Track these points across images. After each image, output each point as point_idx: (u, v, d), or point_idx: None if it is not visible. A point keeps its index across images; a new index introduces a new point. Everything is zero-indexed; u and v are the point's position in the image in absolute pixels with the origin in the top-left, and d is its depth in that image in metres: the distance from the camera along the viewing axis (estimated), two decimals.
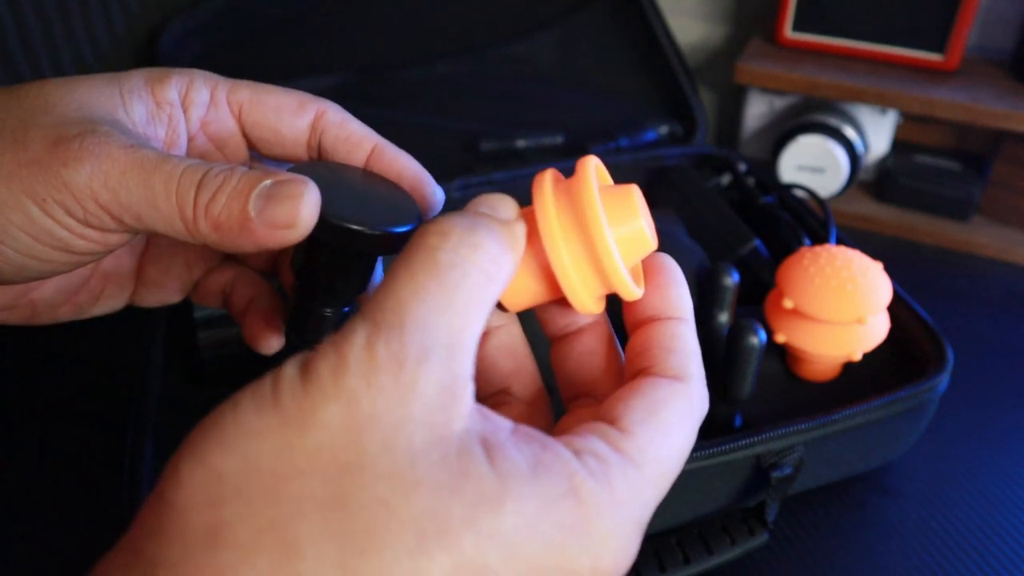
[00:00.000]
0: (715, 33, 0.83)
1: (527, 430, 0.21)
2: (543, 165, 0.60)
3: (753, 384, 0.43)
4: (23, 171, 0.25)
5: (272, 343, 0.33)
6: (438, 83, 0.73)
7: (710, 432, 0.41)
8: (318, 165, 0.30)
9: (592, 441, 0.21)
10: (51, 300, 0.32)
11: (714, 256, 0.54)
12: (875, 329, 0.46)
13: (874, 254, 0.47)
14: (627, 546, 0.20)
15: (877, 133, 0.72)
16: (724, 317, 0.44)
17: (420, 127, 0.69)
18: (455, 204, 0.58)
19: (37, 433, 0.50)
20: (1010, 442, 0.50)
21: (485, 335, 0.27)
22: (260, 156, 0.33)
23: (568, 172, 0.25)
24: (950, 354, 0.45)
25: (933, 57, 0.68)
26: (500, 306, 0.25)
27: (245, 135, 0.31)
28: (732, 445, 0.39)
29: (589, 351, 0.26)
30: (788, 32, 0.72)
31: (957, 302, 0.62)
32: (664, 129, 0.70)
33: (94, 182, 0.25)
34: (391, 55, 0.74)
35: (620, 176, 0.63)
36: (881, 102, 0.67)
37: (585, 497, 0.19)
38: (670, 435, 0.22)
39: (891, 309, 0.48)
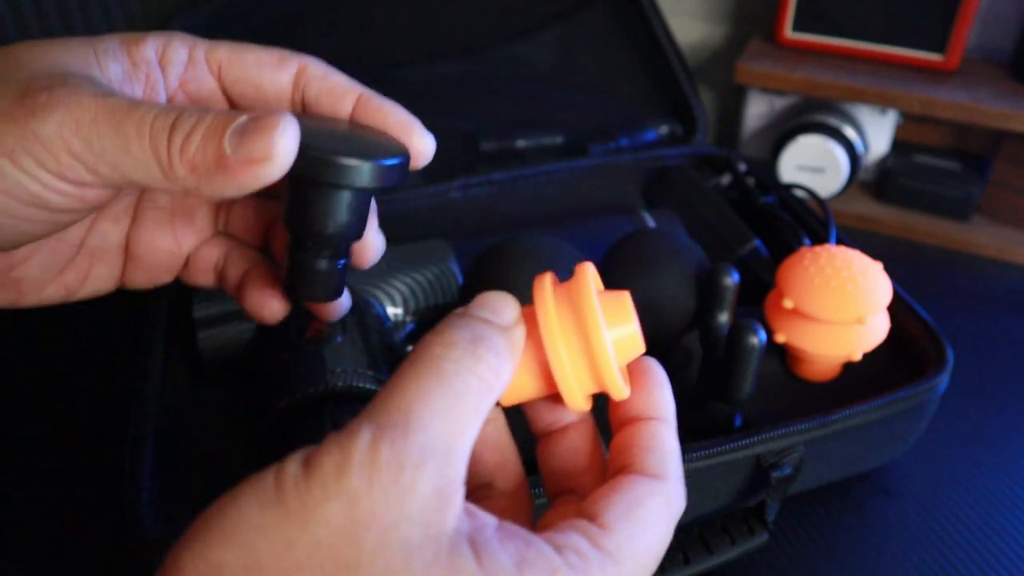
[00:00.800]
0: (715, 33, 0.83)
1: (510, 527, 0.21)
2: (543, 165, 0.60)
3: (753, 384, 0.43)
4: None
5: (275, 308, 0.33)
6: (438, 83, 0.73)
7: (710, 432, 0.41)
8: (303, 116, 0.29)
9: (573, 537, 0.21)
10: (37, 279, 0.31)
11: (714, 256, 0.54)
12: (875, 329, 0.46)
13: (874, 254, 0.47)
14: None
15: (877, 133, 0.72)
16: (724, 317, 0.44)
17: None
18: (455, 204, 0.58)
19: (36, 434, 0.50)
20: (1010, 442, 0.50)
21: None
22: None
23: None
24: (950, 354, 0.45)
25: (933, 57, 0.68)
26: None
27: (226, 94, 0.31)
28: (732, 445, 0.39)
29: (574, 448, 0.27)
30: (788, 32, 0.72)
31: (957, 302, 0.62)
32: (664, 129, 0.70)
33: (65, 131, 0.25)
34: (391, 55, 0.74)
35: (620, 176, 0.63)
36: (881, 102, 0.67)
37: None
38: (648, 532, 0.22)
39: (891, 309, 0.48)
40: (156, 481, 0.37)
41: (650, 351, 0.27)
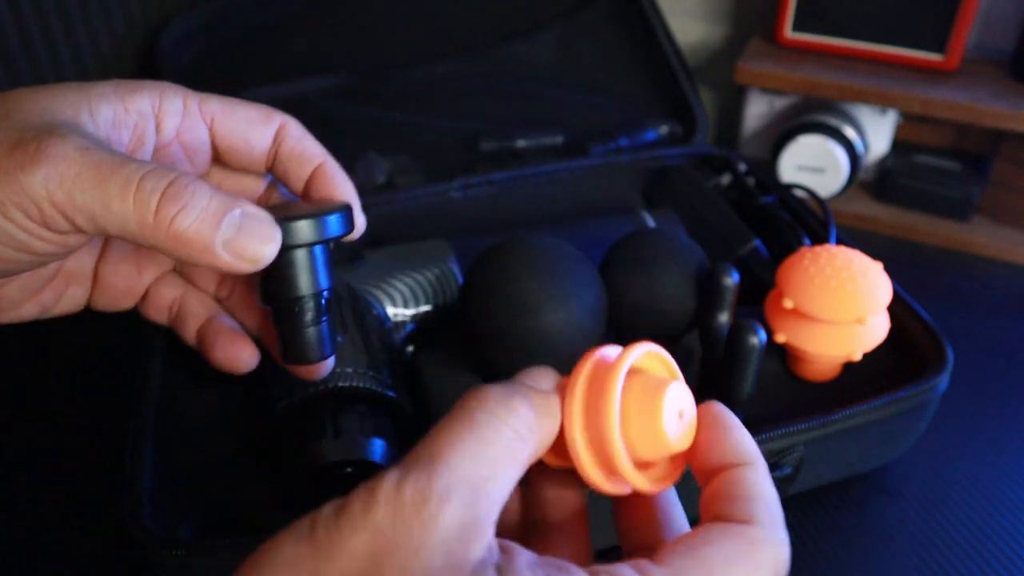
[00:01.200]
0: (715, 33, 0.83)
1: (547, 559, 0.21)
2: (543, 165, 0.60)
3: (753, 384, 0.43)
4: None
5: (249, 358, 0.35)
6: (438, 83, 0.73)
7: None
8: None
9: (620, 568, 0.21)
10: (15, 298, 0.32)
11: (714, 256, 0.54)
12: (875, 329, 0.46)
13: (874, 254, 0.47)
14: None
15: (877, 133, 0.72)
16: (724, 317, 0.44)
17: (420, 127, 0.69)
18: (455, 204, 0.58)
19: (36, 434, 0.50)
20: (1010, 442, 0.50)
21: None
22: (222, 166, 0.34)
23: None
24: (950, 354, 0.45)
25: (933, 57, 0.68)
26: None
27: (214, 143, 0.33)
28: None
29: (641, 506, 0.27)
30: (788, 32, 0.72)
31: (957, 302, 0.62)
32: (664, 129, 0.70)
33: (50, 183, 0.25)
34: (391, 55, 0.74)
35: (620, 176, 0.63)
36: (881, 102, 0.67)
37: None
38: (712, 572, 0.21)
39: (891, 309, 0.48)
40: (156, 481, 0.37)
41: None
